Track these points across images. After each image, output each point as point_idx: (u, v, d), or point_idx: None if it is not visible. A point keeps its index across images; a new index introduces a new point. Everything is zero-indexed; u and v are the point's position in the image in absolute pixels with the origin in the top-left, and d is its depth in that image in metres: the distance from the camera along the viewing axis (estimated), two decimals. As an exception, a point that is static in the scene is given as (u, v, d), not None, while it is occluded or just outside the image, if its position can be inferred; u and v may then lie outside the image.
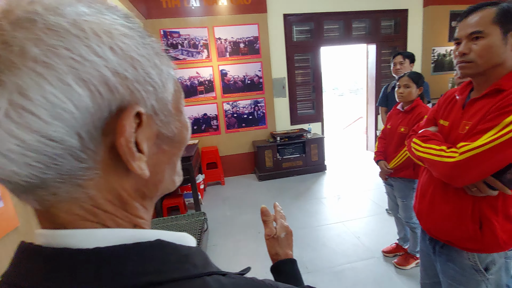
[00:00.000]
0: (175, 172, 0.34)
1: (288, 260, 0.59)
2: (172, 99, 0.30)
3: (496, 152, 0.78)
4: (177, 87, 0.32)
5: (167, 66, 0.30)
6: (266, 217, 0.63)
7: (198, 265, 0.27)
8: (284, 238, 0.61)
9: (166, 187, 0.33)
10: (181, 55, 3.87)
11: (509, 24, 0.84)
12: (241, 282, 0.29)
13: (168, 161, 0.31)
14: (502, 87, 0.85)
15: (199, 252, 0.29)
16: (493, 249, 0.90)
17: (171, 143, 0.30)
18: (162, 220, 2.57)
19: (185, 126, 0.33)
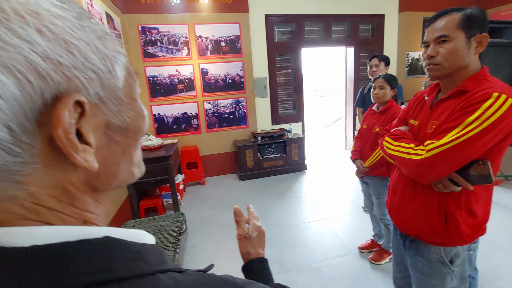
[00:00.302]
0: (133, 164, 0.32)
1: (259, 259, 0.59)
2: (122, 86, 0.28)
3: (459, 150, 0.83)
4: (128, 73, 0.30)
5: (114, 51, 0.28)
6: (239, 218, 0.65)
7: (151, 263, 0.26)
8: (256, 237, 0.62)
9: (123, 180, 0.31)
10: (160, 52, 3.77)
11: (472, 29, 0.89)
12: (197, 278, 0.28)
13: (123, 152, 0.30)
14: (465, 88, 0.90)
15: (154, 250, 0.28)
16: (457, 242, 0.95)
17: (124, 133, 0.29)
18: (138, 221, 2.48)
19: (140, 115, 0.31)
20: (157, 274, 0.25)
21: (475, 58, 0.93)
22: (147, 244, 0.28)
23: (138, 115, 0.31)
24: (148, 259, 0.26)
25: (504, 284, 1.78)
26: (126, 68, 0.30)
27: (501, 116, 0.79)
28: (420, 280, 1.05)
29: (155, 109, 3.89)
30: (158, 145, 3.14)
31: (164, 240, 2.16)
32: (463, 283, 1.02)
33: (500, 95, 0.81)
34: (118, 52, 0.28)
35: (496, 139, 0.82)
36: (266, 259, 0.60)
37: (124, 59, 0.30)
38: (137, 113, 0.30)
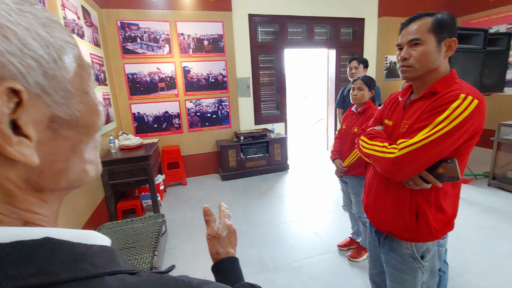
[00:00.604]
0: (85, 161, 0.30)
1: (229, 258, 0.58)
2: (72, 78, 0.27)
3: (429, 148, 0.86)
4: (80, 65, 0.28)
5: (62, 40, 0.26)
6: (208, 217, 0.62)
7: (98, 265, 0.25)
8: (225, 237, 0.60)
9: (76, 178, 0.29)
10: (140, 49, 3.66)
11: (442, 34, 0.93)
12: (148, 279, 0.27)
13: (73, 148, 0.28)
14: (435, 90, 0.94)
15: (103, 251, 0.27)
16: (427, 238, 0.99)
17: (74, 128, 0.27)
18: (115, 224, 2.39)
19: (93, 110, 0.29)
20: (104, 277, 0.24)
21: (445, 62, 0.97)
22: (95, 245, 0.26)
23: (90, 110, 0.29)
24: (95, 261, 0.25)
25: (473, 277, 1.88)
26: (78, 59, 0.28)
27: (467, 116, 0.83)
28: (393, 276, 1.08)
29: (134, 107, 3.78)
30: (137, 145, 3.04)
31: (142, 243, 2.10)
32: (433, 277, 1.06)
33: (467, 97, 0.85)
34: (67, 42, 0.27)
35: (463, 138, 0.86)
36: (236, 258, 0.59)
37: (75, 50, 0.28)
38: (89, 107, 0.29)
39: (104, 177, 2.65)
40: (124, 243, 2.10)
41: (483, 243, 2.24)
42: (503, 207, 2.84)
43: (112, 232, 2.26)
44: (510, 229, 2.42)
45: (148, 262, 1.88)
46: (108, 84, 3.33)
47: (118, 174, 2.70)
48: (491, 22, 4.72)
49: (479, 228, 2.47)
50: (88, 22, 2.86)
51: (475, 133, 0.88)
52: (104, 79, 3.20)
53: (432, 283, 1.07)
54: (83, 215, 2.19)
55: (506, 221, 2.56)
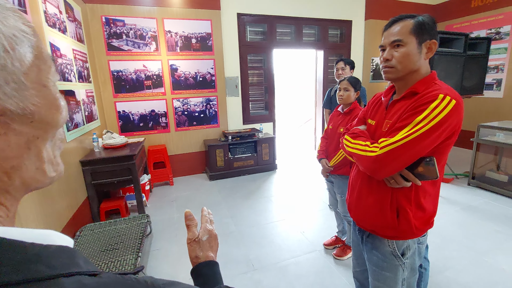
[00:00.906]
0: (43, 160, 0.28)
1: (208, 262, 0.57)
2: (28, 69, 0.25)
3: (409, 147, 0.88)
4: (38, 56, 0.27)
5: (16, 29, 0.25)
6: (189, 222, 0.62)
7: (55, 266, 0.23)
8: (206, 241, 0.60)
9: (32, 178, 0.27)
10: (126, 46, 3.58)
11: (423, 35, 0.95)
12: (109, 281, 0.26)
13: (28, 145, 0.26)
14: (416, 90, 0.96)
15: (61, 251, 0.25)
16: (408, 235, 1.00)
17: (28, 123, 0.25)
18: (98, 225, 2.33)
19: (53, 104, 0.28)
20: (59, 278, 0.23)
21: (425, 63, 0.99)
22: (52, 246, 0.25)
23: (49, 104, 0.27)
24: (50, 261, 0.23)
25: (453, 273, 1.94)
26: (36, 50, 0.27)
27: (446, 116, 0.86)
28: (375, 273, 1.09)
29: (119, 105, 3.69)
30: (122, 144, 2.97)
31: (126, 244, 2.05)
32: (413, 274, 1.08)
33: (445, 97, 0.87)
34: (22, 32, 0.25)
35: (441, 137, 0.89)
36: (215, 262, 0.59)
37: (33, 40, 0.26)
38: (48, 101, 0.27)
39: (87, 177, 2.57)
40: (107, 244, 2.04)
41: (463, 240, 2.32)
42: (482, 205, 2.95)
43: (94, 233, 2.20)
44: (488, 227, 2.52)
45: (132, 264, 1.83)
46: (92, 81, 3.24)
47: (101, 174, 2.62)
48: (472, 27, 4.89)
49: (459, 226, 2.55)
50: (71, 17, 2.76)
51: (453, 132, 0.91)
52: (88, 76, 3.10)
53: (412, 280, 1.09)
54: (64, 217, 2.11)
55: (484, 219, 2.66)
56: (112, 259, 1.87)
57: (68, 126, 2.33)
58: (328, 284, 1.87)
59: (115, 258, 1.89)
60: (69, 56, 2.56)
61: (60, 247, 0.25)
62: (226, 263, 2.12)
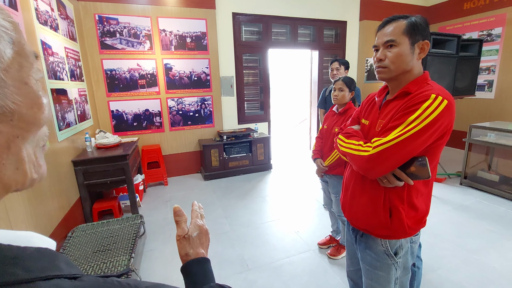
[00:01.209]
0: (23, 160, 0.27)
1: (198, 259, 0.56)
2: (7, 66, 0.24)
3: (401, 147, 0.88)
4: (20, 53, 0.26)
5: None
6: (178, 217, 0.60)
7: (32, 269, 0.22)
8: (196, 237, 0.58)
9: (11, 178, 0.26)
10: (120, 45, 3.54)
11: (416, 36, 0.95)
12: (87, 284, 0.25)
13: (7, 144, 0.25)
14: (409, 90, 0.96)
15: (40, 254, 0.24)
16: (400, 235, 1.01)
17: (7, 121, 0.24)
18: (90, 226, 2.29)
19: (35, 103, 0.27)
20: (37, 282, 0.22)
21: (418, 63, 1.00)
22: (30, 248, 0.24)
23: (30, 102, 0.26)
24: (27, 264, 0.22)
25: (445, 272, 1.96)
26: (17, 46, 0.26)
27: (438, 116, 0.86)
28: (368, 272, 1.10)
29: (113, 104, 3.64)
30: (115, 143, 2.94)
31: (119, 245, 2.02)
32: (406, 273, 1.09)
33: (437, 97, 0.88)
34: (1, 27, 0.24)
35: (433, 137, 0.89)
36: (206, 259, 0.57)
37: (13, 36, 0.26)
38: (29, 99, 0.26)
39: (79, 177, 2.53)
40: (100, 245, 2.02)
41: (455, 239, 2.35)
42: (474, 204, 2.99)
43: (87, 234, 2.17)
44: (480, 226, 2.55)
45: (125, 265, 1.81)
46: (85, 80, 3.20)
47: (94, 174, 2.59)
48: (464, 29, 4.96)
49: (451, 225, 2.58)
50: (63, 14, 2.72)
51: (445, 132, 0.91)
52: (80, 75, 3.06)
53: (405, 279, 1.09)
54: (55, 217, 2.07)
55: (476, 218, 2.70)
56: (105, 260, 1.84)
57: (60, 125, 2.29)
58: (323, 284, 1.88)
59: (108, 259, 1.86)
60: (61, 54, 2.52)
61: (39, 249, 0.25)
62: (220, 263, 2.11)
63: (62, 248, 1.96)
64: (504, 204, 2.97)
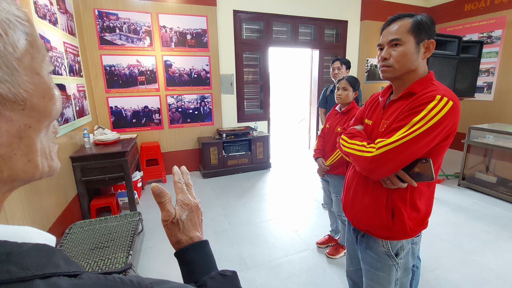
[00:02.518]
0: (35, 152, 0.27)
1: (194, 245, 0.47)
2: (21, 55, 0.25)
3: (405, 148, 0.87)
4: (32, 44, 0.26)
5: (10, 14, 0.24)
6: (161, 198, 0.48)
7: (29, 266, 0.22)
8: (186, 219, 0.49)
9: (21, 170, 0.26)
10: (119, 40, 3.51)
11: (421, 35, 0.94)
12: (88, 282, 0.24)
13: (19, 133, 0.25)
14: (413, 90, 0.96)
15: (37, 250, 0.23)
16: (402, 236, 1.01)
17: (20, 110, 0.24)
18: (88, 222, 2.28)
19: (46, 93, 0.27)
20: (34, 280, 0.21)
21: (423, 63, 0.99)
22: (27, 244, 0.23)
23: (42, 92, 0.26)
24: (24, 261, 0.22)
25: (443, 272, 1.97)
26: (30, 37, 0.26)
27: (443, 117, 0.85)
28: (369, 273, 1.10)
29: (111, 101, 3.61)
30: (114, 140, 2.92)
31: (117, 242, 2.01)
32: (406, 274, 1.09)
33: (442, 98, 0.87)
34: (16, 17, 0.25)
35: (438, 138, 0.89)
36: (204, 242, 0.49)
37: (27, 27, 0.26)
38: (41, 89, 0.26)
39: (77, 174, 2.51)
40: (97, 242, 2.00)
41: (453, 239, 2.36)
42: (472, 206, 3.00)
43: (84, 231, 2.15)
44: (477, 226, 2.56)
45: (123, 262, 1.80)
46: (84, 75, 3.16)
47: (92, 170, 2.57)
48: (465, 30, 4.97)
49: (449, 225, 2.59)
50: (62, 8, 2.69)
51: (450, 134, 0.91)
52: (79, 70, 3.03)
53: (405, 280, 1.09)
54: (52, 214, 2.06)
55: (474, 219, 2.71)
56: (102, 257, 1.83)
57: (58, 121, 2.27)
58: (321, 283, 1.88)
59: (106, 256, 1.85)
60: (60, 49, 2.49)
61: (36, 245, 0.24)
62: (219, 261, 2.09)
63: (59, 245, 1.95)
64: (501, 205, 2.99)
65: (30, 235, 0.24)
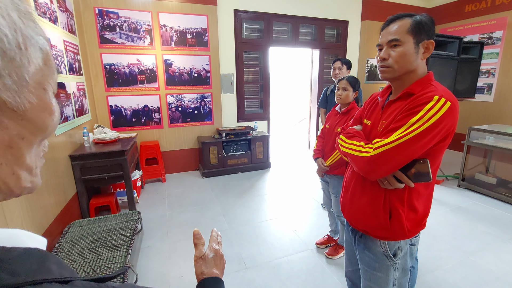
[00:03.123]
0: (22, 165, 0.26)
1: (213, 278, 0.59)
2: (34, 70, 0.26)
3: (402, 149, 0.87)
4: (47, 63, 0.27)
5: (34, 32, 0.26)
6: (197, 240, 0.64)
7: (19, 272, 0.21)
8: (211, 258, 0.62)
9: (4, 182, 0.25)
10: (119, 39, 3.50)
11: (420, 35, 0.94)
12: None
13: (10, 142, 0.24)
14: (412, 91, 0.95)
15: (29, 255, 0.23)
16: (399, 236, 1.00)
17: (17, 119, 0.24)
18: (87, 221, 2.28)
19: (46, 107, 0.27)
20: (25, 287, 0.21)
21: (422, 63, 0.99)
22: (18, 249, 0.22)
23: (43, 106, 0.27)
24: (14, 268, 0.21)
25: (442, 273, 1.96)
26: (45, 56, 0.27)
27: (440, 118, 0.85)
28: (367, 273, 1.09)
29: (111, 99, 3.61)
30: (114, 139, 2.92)
31: (116, 241, 2.01)
32: (404, 275, 1.08)
33: (440, 98, 0.86)
34: (37, 35, 0.26)
35: (435, 139, 0.88)
36: (220, 280, 0.59)
37: (46, 47, 0.27)
38: (43, 103, 0.27)
39: (76, 172, 2.51)
40: (96, 241, 2.00)
41: (452, 240, 2.35)
42: (471, 206, 3.00)
43: (83, 229, 2.15)
44: (476, 227, 2.56)
45: (121, 261, 1.80)
46: (84, 74, 3.16)
47: (91, 169, 2.57)
48: (465, 31, 4.96)
49: (448, 226, 2.59)
50: (62, 7, 2.68)
51: (447, 135, 0.90)
52: (79, 69, 3.03)
53: (403, 280, 1.09)
54: (51, 212, 2.06)
55: (473, 220, 2.71)
56: (101, 256, 1.83)
57: (57, 119, 2.27)
58: (320, 283, 1.88)
59: (104, 255, 1.85)
60: (60, 48, 2.49)
61: (27, 250, 0.23)
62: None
63: (58, 244, 1.95)
64: (501, 206, 2.98)
65: (20, 239, 0.24)
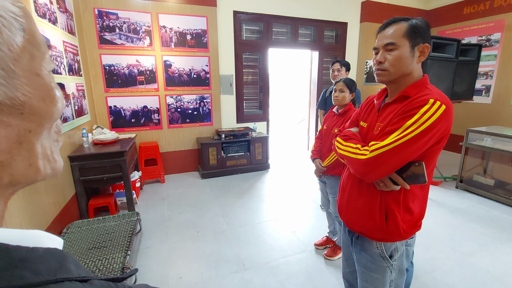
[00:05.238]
0: (36, 155, 0.26)
1: None
2: (18, 55, 0.23)
3: (398, 151, 0.88)
4: (31, 41, 0.24)
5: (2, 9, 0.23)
6: None
7: (41, 271, 0.22)
8: None
9: (22, 175, 0.25)
10: (119, 40, 3.51)
11: (416, 39, 0.95)
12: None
13: (18, 139, 0.24)
14: (408, 94, 0.96)
15: (49, 255, 0.23)
16: (395, 238, 1.01)
17: (18, 114, 0.23)
18: (86, 222, 2.28)
19: (46, 95, 0.25)
20: (48, 285, 0.21)
21: (418, 67, 1.00)
22: (40, 249, 0.23)
23: (42, 94, 0.25)
24: (37, 267, 0.22)
25: (439, 274, 1.97)
26: (28, 34, 0.24)
27: (435, 121, 0.86)
28: (364, 274, 1.10)
29: (111, 100, 3.62)
30: (113, 140, 2.92)
31: (115, 242, 2.01)
32: (401, 276, 1.09)
33: (435, 102, 0.88)
34: (10, 12, 0.23)
35: (430, 142, 0.89)
36: None
37: (24, 23, 0.24)
38: (40, 91, 0.25)
39: (75, 173, 2.51)
40: (95, 242, 2.01)
41: (450, 242, 2.36)
42: (469, 208, 3.01)
43: (82, 230, 2.16)
44: (474, 229, 2.57)
45: (120, 262, 1.80)
46: (83, 74, 3.17)
47: (90, 170, 2.57)
48: (464, 33, 4.99)
49: (446, 227, 2.60)
50: (62, 7, 2.69)
51: (442, 137, 0.91)
52: (79, 69, 3.03)
53: (400, 281, 1.10)
54: (50, 213, 2.06)
55: (471, 221, 2.72)
56: (100, 257, 1.84)
57: (57, 120, 2.27)
58: (318, 284, 1.88)
59: (103, 256, 1.85)
60: (60, 48, 2.49)
61: (48, 250, 0.24)
62: (217, 262, 2.11)
63: (57, 244, 1.95)
64: (498, 208, 3.00)
65: (41, 239, 0.24)
